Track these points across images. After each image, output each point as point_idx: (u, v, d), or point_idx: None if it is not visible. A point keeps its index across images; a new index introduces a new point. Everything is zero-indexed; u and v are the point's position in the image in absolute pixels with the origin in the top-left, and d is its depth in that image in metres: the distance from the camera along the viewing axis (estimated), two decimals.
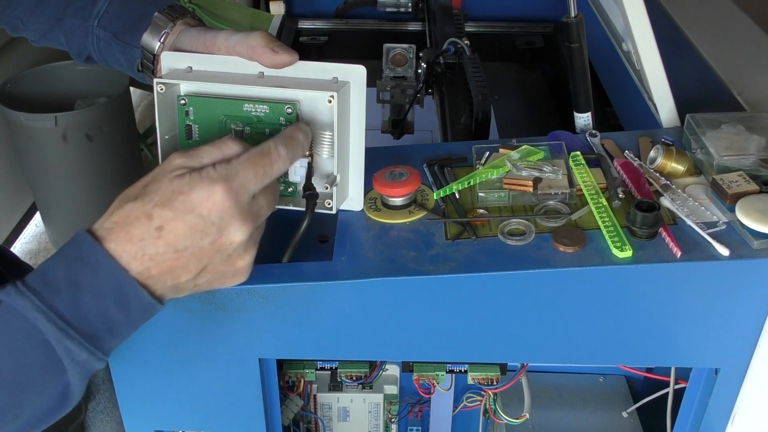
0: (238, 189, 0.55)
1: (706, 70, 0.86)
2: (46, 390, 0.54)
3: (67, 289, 0.53)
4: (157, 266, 0.54)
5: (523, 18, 1.45)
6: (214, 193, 0.54)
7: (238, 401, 0.69)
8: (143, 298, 0.54)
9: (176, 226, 0.53)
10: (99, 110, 2.11)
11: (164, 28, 0.71)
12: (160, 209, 0.53)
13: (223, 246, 0.55)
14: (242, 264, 0.57)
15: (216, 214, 0.54)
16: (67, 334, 0.52)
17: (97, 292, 0.53)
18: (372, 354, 0.67)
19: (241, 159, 0.56)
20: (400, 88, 1.04)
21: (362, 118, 0.65)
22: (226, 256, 0.56)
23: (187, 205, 0.53)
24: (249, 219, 0.55)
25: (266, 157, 0.57)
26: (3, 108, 2.05)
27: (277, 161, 0.57)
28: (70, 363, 0.53)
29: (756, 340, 0.64)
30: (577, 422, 0.92)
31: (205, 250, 0.55)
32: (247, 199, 0.55)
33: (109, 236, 0.53)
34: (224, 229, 0.54)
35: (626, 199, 0.67)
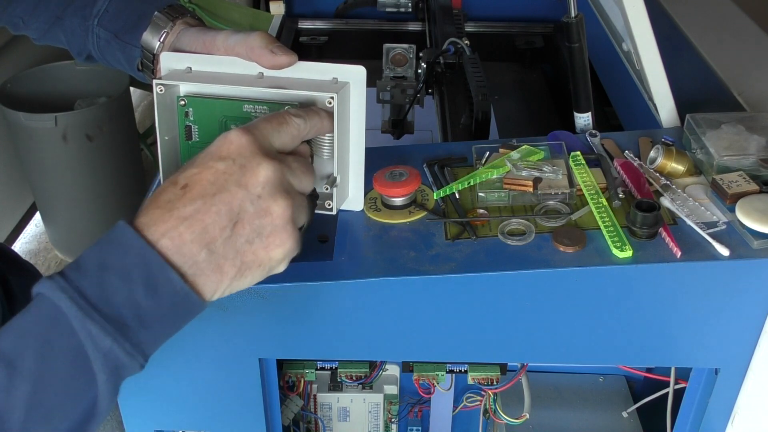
0: (254, 132, 0.54)
1: (706, 70, 0.86)
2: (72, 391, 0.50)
3: (94, 271, 0.50)
4: (187, 226, 0.51)
5: (523, 18, 1.44)
6: (230, 135, 0.53)
7: (238, 401, 0.69)
8: (173, 280, 0.50)
9: (199, 177, 0.52)
10: (99, 110, 2.12)
11: (164, 28, 0.71)
12: (183, 171, 0.53)
13: (249, 184, 0.52)
14: (278, 211, 0.53)
15: (236, 152, 0.53)
16: (90, 316, 0.49)
17: (125, 273, 0.50)
18: (372, 354, 0.67)
19: (257, 119, 0.56)
20: (400, 88, 1.04)
21: (362, 119, 0.65)
22: (256, 197, 0.52)
23: (207, 155, 0.53)
24: (273, 158, 0.54)
25: (281, 115, 0.57)
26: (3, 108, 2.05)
27: (291, 118, 0.57)
28: (95, 353, 0.49)
29: (756, 340, 0.64)
30: (577, 422, 0.92)
31: (233, 193, 0.52)
32: (268, 143, 0.55)
33: (141, 214, 0.52)
34: (246, 165, 0.53)
35: (626, 199, 0.67)
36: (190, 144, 0.66)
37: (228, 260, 0.52)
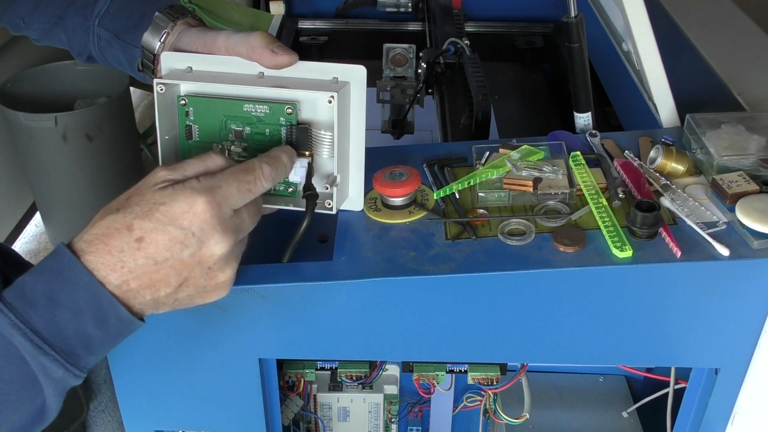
0: (220, 201, 0.54)
1: (706, 70, 0.86)
2: (23, 406, 0.53)
3: (44, 305, 0.52)
4: (136, 279, 0.53)
5: (523, 18, 1.45)
6: (196, 204, 0.53)
7: (238, 401, 0.69)
8: (122, 314, 0.53)
9: (156, 238, 0.53)
10: (99, 110, 2.11)
11: (165, 28, 0.71)
12: (140, 220, 0.53)
13: (203, 258, 0.54)
14: (223, 278, 0.56)
15: (197, 226, 0.53)
16: (43, 350, 0.51)
17: (75, 309, 0.52)
18: (372, 354, 0.67)
19: (225, 172, 0.56)
20: (400, 88, 1.04)
21: (362, 118, 0.65)
22: (206, 269, 0.55)
23: (168, 216, 0.53)
24: (230, 232, 0.55)
25: (251, 173, 0.57)
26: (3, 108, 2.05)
27: (261, 179, 0.58)
28: (46, 380, 0.52)
29: (756, 340, 0.64)
30: (577, 422, 0.92)
31: (185, 263, 0.54)
32: (229, 212, 0.55)
33: (88, 248, 0.53)
34: (205, 241, 0.54)
35: (626, 199, 0.67)
36: (190, 143, 0.66)
37: (167, 305, 0.57)
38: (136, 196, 0.54)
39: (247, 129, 0.65)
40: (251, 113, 0.64)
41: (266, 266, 0.63)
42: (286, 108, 0.63)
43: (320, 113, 0.64)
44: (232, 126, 0.65)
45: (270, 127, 0.64)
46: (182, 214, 0.53)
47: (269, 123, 0.64)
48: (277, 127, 0.64)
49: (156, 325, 0.63)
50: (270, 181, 0.58)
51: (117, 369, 0.67)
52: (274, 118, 0.64)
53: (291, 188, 0.66)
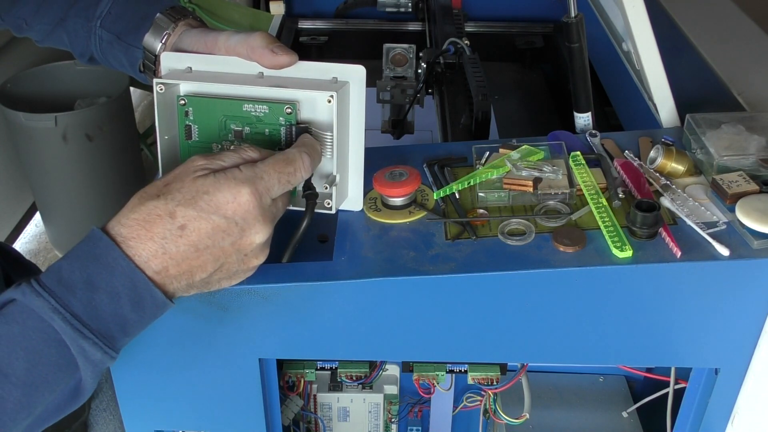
0: (262, 192, 0.56)
1: (706, 70, 0.86)
2: (59, 387, 0.54)
3: (83, 289, 0.53)
4: (176, 265, 0.54)
5: (523, 18, 1.44)
6: (240, 194, 0.55)
7: (238, 401, 0.69)
8: (157, 298, 0.55)
9: (200, 225, 0.54)
10: (99, 110, 2.12)
11: (166, 29, 0.71)
12: (183, 208, 0.54)
13: (243, 246, 0.56)
14: (255, 263, 0.59)
15: (240, 215, 0.55)
16: (83, 334, 0.52)
17: (113, 293, 0.53)
18: (372, 354, 0.67)
19: (267, 163, 0.57)
20: (400, 88, 1.04)
21: (362, 118, 0.65)
22: (243, 255, 0.57)
23: (212, 204, 0.54)
24: (269, 221, 0.57)
25: (292, 164, 0.58)
26: (3, 108, 2.05)
27: (301, 170, 0.59)
28: (84, 362, 0.53)
29: (756, 340, 0.64)
30: (577, 422, 0.92)
31: (225, 250, 0.56)
32: (269, 201, 0.57)
33: (129, 234, 0.54)
34: (246, 230, 0.55)
35: (626, 199, 0.67)
36: (190, 143, 0.66)
37: (199, 289, 0.58)
38: (177, 182, 0.55)
39: (247, 129, 0.65)
40: (251, 113, 0.64)
41: (266, 266, 0.63)
42: (286, 108, 0.63)
43: (320, 113, 0.64)
44: (232, 126, 0.65)
45: (269, 126, 0.64)
46: (226, 204, 0.54)
47: (269, 123, 0.64)
48: (277, 127, 0.64)
49: (156, 325, 0.63)
50: (309, 171, 0.60)
51: (117, 369, 0.67)
52: (273, 117, 0.64)
53: None
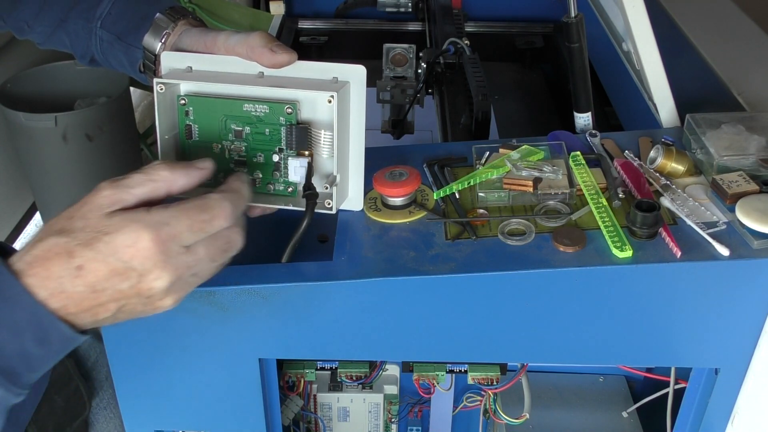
0: (166, 239, 0.52)
1: (706, 70, 0.86)
2: None
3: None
4: (75, 305, 0.52)
5: (523, 18, 1.45)
6: (141, 240, 0.52)
7: (238, 401, 0.69)
8: (64, 332, 0.53)
9: (96, 267, 0.52)
10: (99, 110, 2.11)
11: (165, 29, 0.71)
12: (82, 248, 0.52)
13: (142, 290, 0.53)
14: (165, 304, 0.55)
15: (138, 261, 0.52)
16: None
17: (15, 328, 0.51)
18: (372, 354, 0.67)
19: (180, 208, 0.54)
20: (400, 88, 1.04)
21: (362, 118, 0.65)
22: (145, 298, 0.54)
23: (110, 247, 0.51)
24: (172, 269, 0.53)
25: (207, 211, 0.54)
26: (3, 108, 2.05)
27: (219, 218, 0.55)
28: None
29: (756, 340, 0.64)
30: (577, 422, 0.92)
31: (124, 293, 0.53)
32: (176, 248, 0.53)
33: (29, 270, 0.52)
34: (144, 276, 0.52)
35: (626, 199, 0.67)
36: (190, 143, 0.66)
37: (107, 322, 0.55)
38: (80, 220, 0.53)
39: (247, 129, 0.65)
40: (251, 113, 0.64)
41: (266, 266, 0.63)
42: (286, 108, 0.63)
43: (320, 113, 0.64)
44: (232, 126, 0.65)
45: (270, 126, 0.64)
46: (125, 248, 0.52)
47: (269, 123, 0.64)
48: (277, 127, 0.64)
49: (156, 325, 0.63)
50: (229, 218, 0.55)
51: (117, 369, 0.67)
52: (273, 117, 0.64)
53: (291, 188, 0.66)
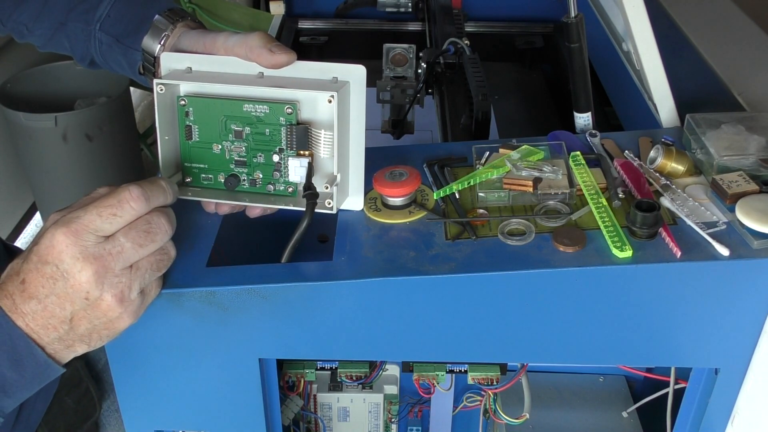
0: (78, 230, 0.54)
1: (706, 70, 0.86)
2: None
3: None
4: (33, 320, 0.55)
5: (523, 18, 1.45)
6: (54, 238, 0.54)
7: (238, 401, 0.69)
8: (37, 355, 0.55)
9: (33, 277, 0.55)
10: (99, 110, 2.12)
11: (164, 31, 0.71)
12: (23, 263, 0.55)
13: (75, 288, 0.55)
14: (106, 305, 0.56)
15: (57, 258, 0.54)
16: None
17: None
18: (372, 354, 0.67)
19: (90, 202, 0.56)
20: (400, 88, 1.04)
21: (362, 118, 0.65)
22: (83, 299, 0.55)
23: (37, 255, 0.55)
24: (93, 258, 0.55)
25: (113, 197, 0.56)
26: (3, 108, 2.05)
27: (127, 201, 0.56)
28: None
29: (756, 340, 0.64)
30: (577, 422, 0.92)
31: (63, 296, 0.55)
32: (91, 238, 0.55)
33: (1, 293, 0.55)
34: (69, 272, 0.54)
35: (626, 199, 0.67)
36: (190, 144, 0.66)
37: (76, 341, 0.57)
38: None
39: (247, 129, 0.65)
40: (251, 113, 0.64)
41: (266, 266, 0.63)
42: (286, 108, 0.63)
43: (320, 113, 0.64)
44: (232, 126, 0.65)
45: (270, 126, 0.64)
46: (46, 250, 0.54)
47: (269, 123, 0.64)
48: (277, 127, 0.64)
49: (156, 325, 0.63)
50: (140, 201, 0.56)
51: (117, 369, 0.67)
52: (274, 117, 0.64)
53: (291, 188, 0.66)
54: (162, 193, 0.59)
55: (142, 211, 0.57)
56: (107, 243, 0.55)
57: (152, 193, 0.58)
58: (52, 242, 0.54)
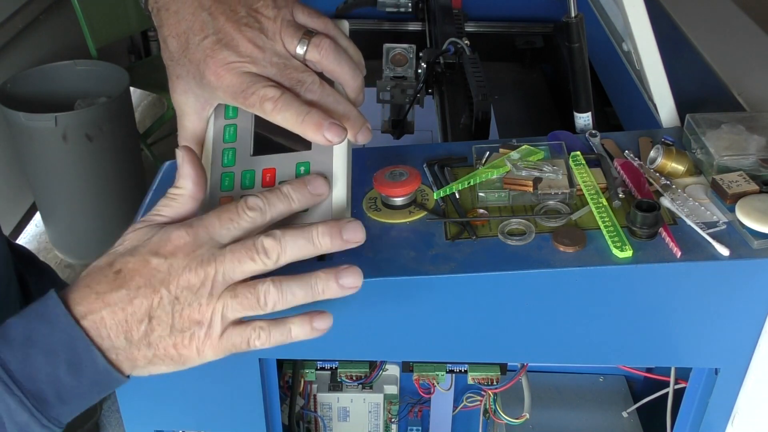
0: (197, 229, 0.54)
1: (706, 70, 0.86)
2: None
3: (20, 344, 0.51)
4: (110, 312, 0.52)
5: (523, 18, 1.44)
6: (173, 233, 0.53)
7: (238, 401, 0.69)
8: (97, 360, 0.52)
9: (132, 267, 0.53)
10: (99, 110, 2.12)
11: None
12: (122, 256, 0.53)
13: (170, 285, 0.53)
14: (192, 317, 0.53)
15: (170, 252, 0.53)
16: (10, 390, 0.50)
17: (50, 350, 0.51)
18: (372, 354, 0.67)
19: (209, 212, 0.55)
20: (400, 88, 1.04)
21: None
22: (174, 298, 0.53)
23: (147, 247, 0.53)
24: (200, 260, 0.53)
25: (233, 205, 0.55)
26: (3, 108, 2.05)
27: (243, 209, 0.55)
28: (9, 422, 0.51)
29: (756, 340, 0.64)
30: (577, 422, 0.92)
31: (155, 290, 0.53)
32: (207, 239, 0.54)
33: (71, 291, 0.53)
34: (174, 267, 0.53)
35: (626, 199, 0.67)
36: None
37: (141, 350, 0.54)
38: (119, 241, 0.55)
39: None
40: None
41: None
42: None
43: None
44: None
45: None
46: (158, 243, 0.53)
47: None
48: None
49: None
50: (256, 210, 0.55)
51: None
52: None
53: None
54: (284, 201, 0.57)
55: (259, 219, 0.55)
56: (219, 253, 0.54)
57: (270, 202, 0.56)
58: (168, 237, 0.53)
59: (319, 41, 0.60)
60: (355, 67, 0.62)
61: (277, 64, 0.59)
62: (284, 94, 0.58)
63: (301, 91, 0.59)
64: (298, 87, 0.59)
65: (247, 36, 0.58)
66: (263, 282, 0.54)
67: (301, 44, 0.59)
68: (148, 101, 3.21)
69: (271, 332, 0.55)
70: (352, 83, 0.62)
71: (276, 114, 0.57)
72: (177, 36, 0.59)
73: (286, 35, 0.59)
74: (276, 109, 0.57)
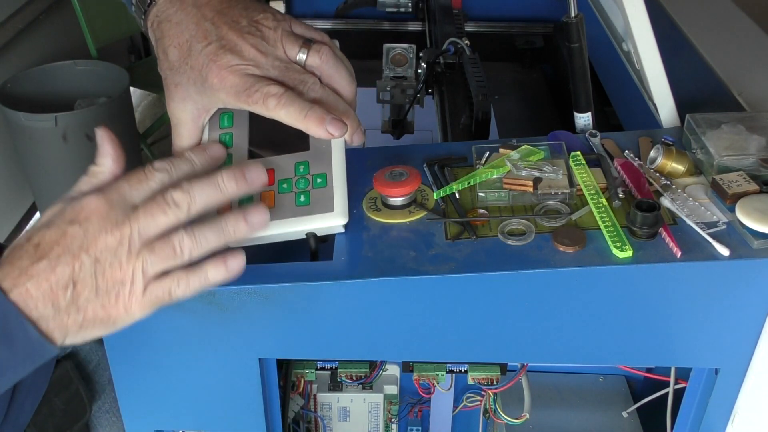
0: (109, 194, 0.55)
1: (706, 70, 0.86)
2: None
3: None
4: (34, 284, 0.53)
5: (523, 18, 1.45)
6: (85, 199, 0.55)
7: (238, 401, 0.69)
8: (28, 331, 0.53)
9: (48, 238, 0.54)
10: (99, 110, 2.12)
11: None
12: (40, 230, 0.55)
13: (89, 248, 0.54)
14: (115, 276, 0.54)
15: (84, 217, 0.54)
16: None
17: None
18: (372, 354, 0.67)
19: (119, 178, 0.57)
20: (400, 88, 1.04)
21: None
22: (94, 260, 0.54)
23: (62, 218, 0.55)
24: (115, 222, 0.54)
25: (140, 170, 0.57)
26: (3, 108, 2.05)
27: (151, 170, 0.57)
28: None
29: (756, 340, 0.64)
30: (577, 422, 0.92)
31: (74, 256, 0.54)
32: (119, 201, 0.55)
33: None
34: (89, 231, 0.54)
35: (626, 199, 0.67)
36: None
37: (71, 316, 0.54)
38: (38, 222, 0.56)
39: None
40: None
41: (266, 266, 0.63)
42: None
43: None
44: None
45: None
46: (72, 210, 0.55)
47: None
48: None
49: (156, 324, 0.63)
50: (162, 171, 0.57)
51: (117, 369, 0.67)
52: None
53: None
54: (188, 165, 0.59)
55: (166, 179, 0.57)
56: (132, 212, 0.55)
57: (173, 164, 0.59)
58: (81, 204, 0.55)
59: (320, 47, 0.63)
60: (351, 74, 0.66)
61: (279, 67, 0.61)
62: (287, 91, 0.60)
63: (304, 90, 0.61)
64: (301, 86, 0.61)
65: (250, 42, 0.60)
66: (177, 232, 0.56)
67: (302, 51, 0.63)
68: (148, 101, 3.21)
69: (189, 279, 0.56)
70: (348, 88, 0.65)
71: (279, 109, 0.59)
72: (179, 45, 0.61)
73: (286, 43, 0.62)
74: (280, 105, 0.59)
